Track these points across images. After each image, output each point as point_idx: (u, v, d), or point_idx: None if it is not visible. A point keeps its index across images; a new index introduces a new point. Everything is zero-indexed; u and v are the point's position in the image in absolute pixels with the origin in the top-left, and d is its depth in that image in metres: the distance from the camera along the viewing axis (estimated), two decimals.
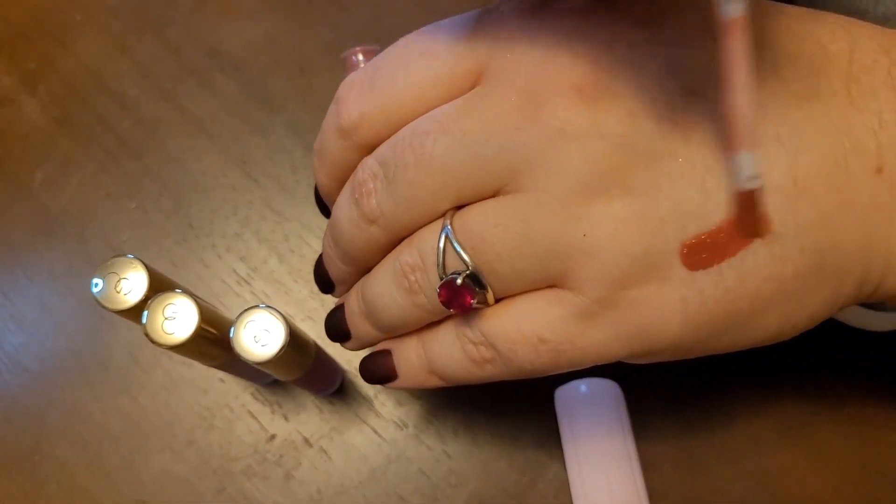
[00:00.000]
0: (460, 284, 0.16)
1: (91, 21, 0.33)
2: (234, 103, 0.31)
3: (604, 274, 0.15)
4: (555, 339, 0.16)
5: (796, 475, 0.25)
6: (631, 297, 0.16)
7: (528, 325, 0.16)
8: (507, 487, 0.25)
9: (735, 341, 0.17)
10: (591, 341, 0.16)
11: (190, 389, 0.27)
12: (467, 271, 0.16)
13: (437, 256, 0.17)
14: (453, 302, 0.16)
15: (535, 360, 0.17)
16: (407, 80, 0.17)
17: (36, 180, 0.30)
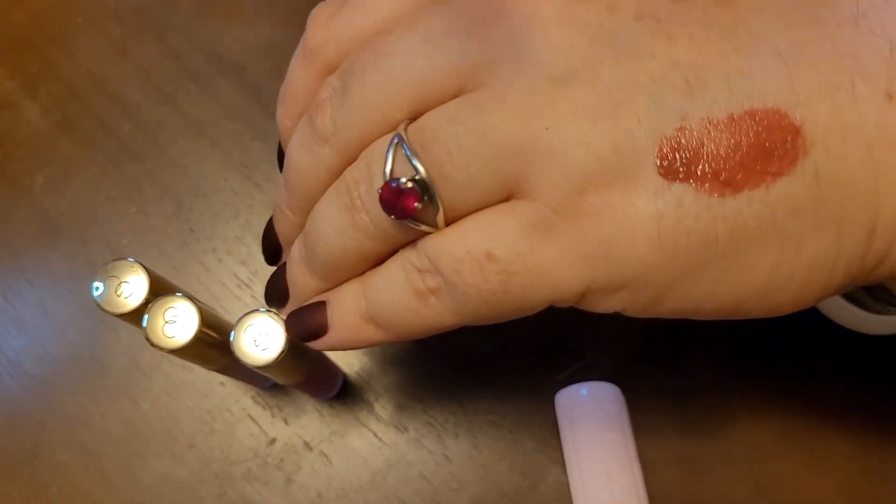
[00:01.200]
0: (406, 186, 0.14)
1: (92, 25, 0.33)
2: (235, 107, 0.31)
3: (564, 174, 0.14)
4: (504, 256, 0.14)
5: (797, 480, 0.25)
6: (594, 206, 0.14)
7: (476, 240, 0.14)
8: (508, 491, 0.25)
9: (716, 286, 0.14)
10: (546, 260, 0.14)
11: (190, 393, 0.27)
12: (416, 176, 0.14)
13: (383, 164, 0.15)
14: (395, 205, 0.14)
15: (482, 285, 0.14)
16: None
17: (37, 184, 0.30)
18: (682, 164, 0.13)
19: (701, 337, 0.27)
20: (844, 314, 0.25)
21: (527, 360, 0.27)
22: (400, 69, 0.15)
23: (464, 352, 0.27)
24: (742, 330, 0.27)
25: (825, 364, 0.27)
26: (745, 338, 0.27)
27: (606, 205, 0.14)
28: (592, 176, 0.13)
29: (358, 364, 0.27)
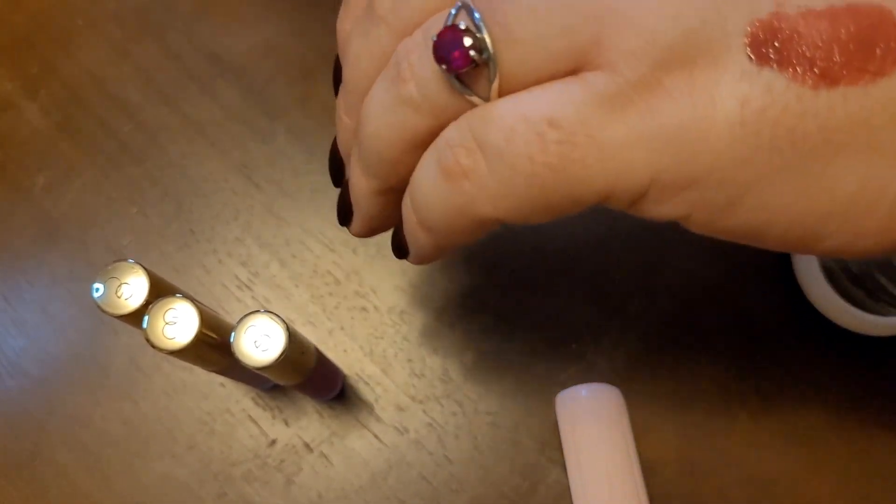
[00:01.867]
0: (462, 29, 0.13)
1: (93, 27, 0.33)
2: (235, 109, 0.31)
3: (646, 46, 0.12)
4: (569, 124, 0.13)
5: (797, 481, 0.25)
6: (675, 83, 0.12)
7: (536, 105, 0.13)
8: (508, 492, 0.25)
9: (797, 195, 0.13)
10: (616, 137, 0.13)
11: (190, 394, 0.27)
12: (477, 33, 0.13)
13: (442, 25, 0.13)
14: (450, 50, 0.13)
15: (537, 155, 0.13)
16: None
17: (37, 185, 0.30)
18: (774, 50, 0.12)
19: (701, 338, 0.27)
20: (844, 315, 0.25)
21: (527, 362, 0.27)
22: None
23: (464, 352, 0.27)
24: (742, 331, 0.27)
25: (825, 365, 0.27)
26: (745, 339, 0.27)
27: (688, 84, 0.12)
28: (676, 50, 0.12)
29: (358, 365, 0.27)
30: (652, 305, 0.28)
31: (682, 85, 0.12)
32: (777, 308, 0.28)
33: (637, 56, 0.12)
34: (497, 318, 0.28)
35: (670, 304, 0.28)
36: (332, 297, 0.28)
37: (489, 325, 0.27)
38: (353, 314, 0.28)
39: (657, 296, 0.28)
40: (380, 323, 0.27)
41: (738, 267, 0.28)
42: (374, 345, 0.27)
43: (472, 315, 0.28)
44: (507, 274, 0.28)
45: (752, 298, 0.28)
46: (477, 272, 0.28)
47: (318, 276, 0.28)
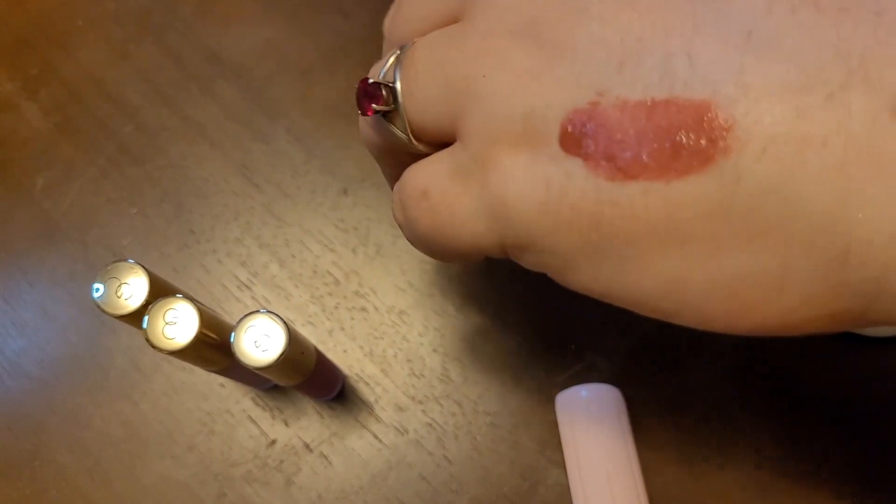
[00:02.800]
0: (374, 87, 0.16)
1: (93, 27, 0.33)
2: (235, 109, 0.31)
3: (484, 125, 0.14)
4: (434, 194, 0.15)
5: (797, 482, 0.25)
6: (500, 159, 0.14)
7: (421, 175, 0.16)
8: (508, 493, 0.25)
9: (617, 274, 0.14)
10: (463, 207, 0.15)
11: (190, 395, 0.27)
12: (391, 83, 0.16)
13: (382, 65, 0.16)
14: (361, 100, 0.16)
15: (418, 217, 0.16)
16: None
17: (37, 186, 0.30)
18: (581, 139, 0.13)
19: (700, 338, 0.27)
20: None
21: (526, 362, 0.27)
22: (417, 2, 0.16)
23: (463, 352, 0.27)
24: None
25: (825, 365, 0.27)
26: (744, 340, 0.27)
27: (510, 160, 0.14)
28: (505, 131, 0.14)
29: (358, 366, 0.27)
30: None
31: (505, 161, 0.14)
32: None
33: (478, 132, 0.14)
34: (497, 318, 0.28)
35: None
36: (331, 297, 0.28)
37: (489, 325, 0.27)
38: (353, 314, 0.28)
39: None
40: (379, 323, 0.27)
41: None
42: (373, 345, 0.27)
43: (471, 315, 0.28)
44: (507, 274, 0.28)
45: None
46: (477, 273, 0.28)
47: (318, 277, 0.28)
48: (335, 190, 0.30)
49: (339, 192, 0.30)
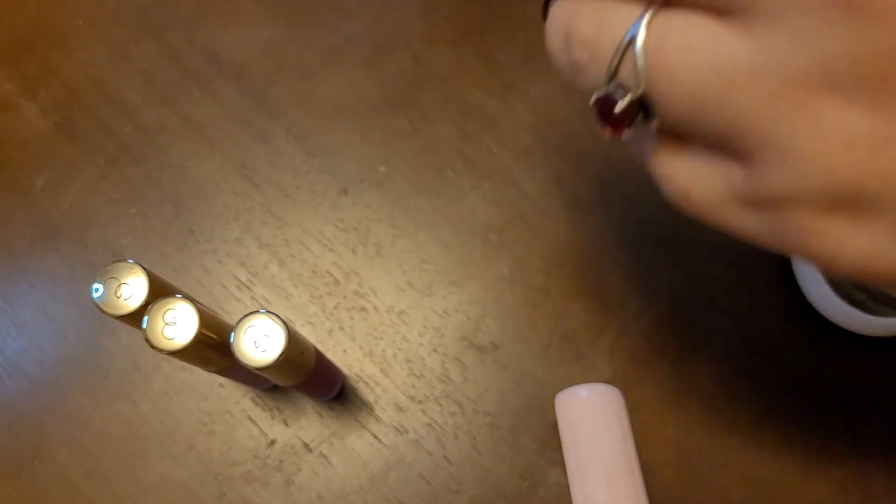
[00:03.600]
0: (620, 112, 0.14)
1: (92, 27, 0.33)
2: (235, 109, 0.31)
3: (793, 185, 0.12)
4: (706, 206, 0.14)
5: (796, 482, 0.25)
6: (808, 221, 0.13)
7: (684, 179, 0.14)
8: (508, 493, 0.25)
9: None
10: (742, 225, 0.14)
11: (190, 395, 0.27)
12: (638, 93, 0.14)
13: (612, 56, 0.14)
14: (606, 122, 0.15)
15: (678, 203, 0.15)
16: None
17: (37, 186, 0.30)
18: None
19: (700, 339, 0.27)
20: (844, 316, 0.25)
21: (526, 362, 0.27)
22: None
23: (463, 352, 0.27)
24: (740, 331, 0.27)
25: (824, 366, 0.27)
26: (744, 339, 0.27)
27: (823, 225, 0.13)
28: (821, 199, 0.12)
29: (358, 365, 0.27)
30: (651, 306, 0.28)
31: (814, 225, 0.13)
32: (777, 308, 0.28)
33: (782, 186, 0.13)
34: (495, 318, 0.28)
35: (669, 305, 0.28)
36: (331, 297, 0.28)
37: (488, 325, 0.27)
38: (353, 314, 0.28)
39: (656, 296, 0.28)
40: (379, 323, 0.28)
41: (738, 267, 0.28)
42: (373, 345, 0.27)
43: (471, 315, 0.28)
44: (506, 274, 0.28)
45: (753, 299, 0.28)
46: (476, 274, 0.28)
47: (318, 277, 0.28)
48: (335, 190, 0.30)
49: (338, 192, 0.30)
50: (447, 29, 0.33)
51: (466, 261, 0.28)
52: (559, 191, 0.30)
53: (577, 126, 0.31)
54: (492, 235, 0.29)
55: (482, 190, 0.30)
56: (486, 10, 0.33)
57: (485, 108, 0.31)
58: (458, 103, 0.31)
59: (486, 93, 0.31)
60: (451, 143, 0.30)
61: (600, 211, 0.29)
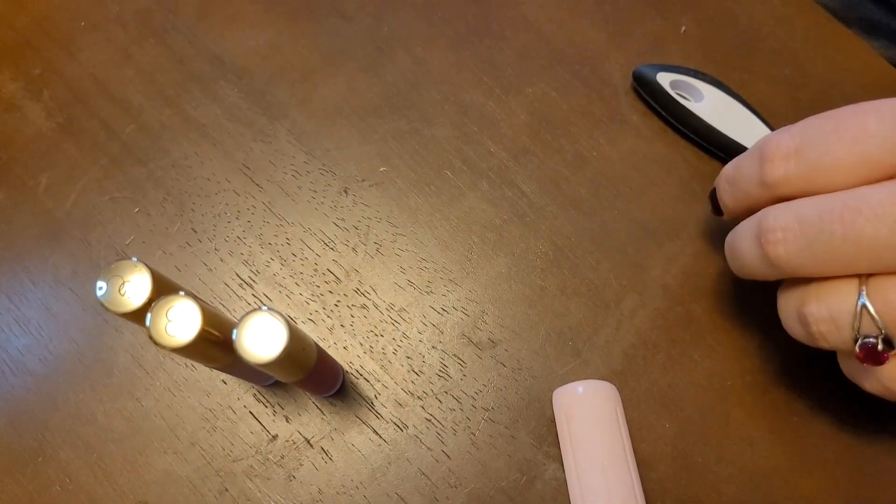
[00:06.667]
0: (880, 349, 0.19)
1: (96, 29, 0.33)
2: (236, 110, 0.31)
3: None
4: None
5: (790, 477, 0.26)
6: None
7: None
8: (506, 487, 0.25)
9: None
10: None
11: (193, 391, 0.27)
12: (881, 335, 0.19)
13: (853, 320, 0.20)
14: (870, 360, 0.20)
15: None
16: (835, 156, 0.20)
17: (41, 185, 0.30)
18: None
19: (696, 336, 0.28)
20: None
21: (523, 358, 0.27)
22: (866, 249, 0.19)
23: (461, 349, 0.27)
24: (737, 330, 0.28)
25: (818, 362, 0.27)
26: (740, 338, 0.27)
27: None
28: None
29: (358, 362, 0.27)
30: (646, 303, 0.28)
31: None
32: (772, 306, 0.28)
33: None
34: (494, 315, 0.28)
35: (664, 302, 0.28)
36: (332, 294, 0.28)
37: (486, 322, 0.28)
38: (353, 312, 0.28)
39: (651, 293, 0.28)
40: (379, 320, 0.28)
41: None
42: (373, 342, 0.27)
43: (469, 312, 0.28)
44: (505, 273, 0.29)
45: (746, 296, 0.28)
46: (475, 273, 0.29)
47: (319, 275, 0.28)
48: (335, 189, 0.30)
49: (339, 192, 0.30)
50: (446, 31, 0.33)
51: (465, 259, 0.29)
52: (556, 190, 0.30)
53: (574, 126, 0.31)
54: (490, 234, 0.29)
55: (480, 189, 0.30)
56: (485, 12, 0.33)
57: (483, 109, 0.31)
58: (457, 104, 0.31)
59: (485, 94, 0.32)
60: (449, 144, 0.31)
61: (596, 210, 0.30)
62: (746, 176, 0.23)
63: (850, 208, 0.19)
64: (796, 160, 0.21)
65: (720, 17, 0.34)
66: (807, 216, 0.20)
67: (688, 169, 0.30)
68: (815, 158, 0.20)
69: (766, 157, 0.21)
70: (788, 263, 0.21)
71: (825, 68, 0.32)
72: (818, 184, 0.20)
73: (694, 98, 0.31)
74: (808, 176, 0.21)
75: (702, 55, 0.33)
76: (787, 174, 0.21)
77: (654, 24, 0.33)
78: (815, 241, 0.20)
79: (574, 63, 0.32)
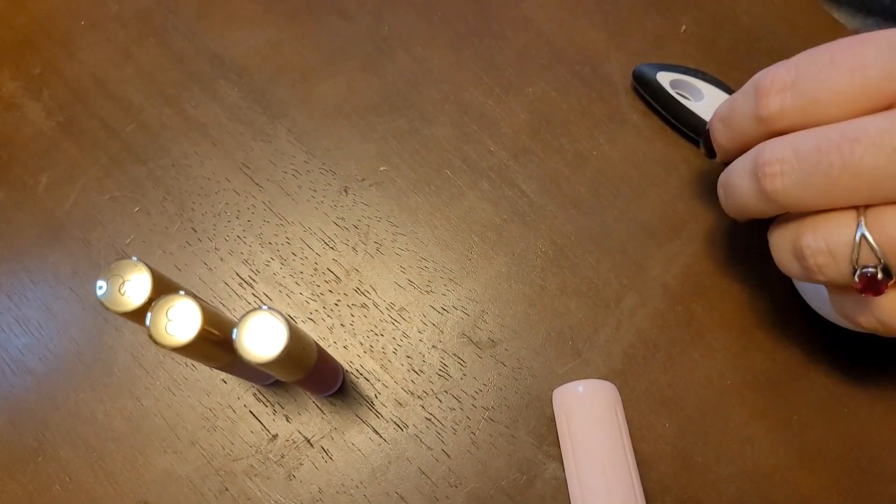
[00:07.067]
0: (879, 278, 0.19)
1: (96, 28, 0.33)
2: (236, 109, 0.31)
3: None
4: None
5: (791, 475, 0.26)
6: None
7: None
8: (506, 487, 0.25)
9: None
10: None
11: (193, 391, 0.27)
12: (881, 265, 0.19)
13: (851, 251, 0.19)
14: (869, 289, 0.19)
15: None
16: (832, 87, 0.19)
17: (40, 185, 0.30)
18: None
19: (695, 335, 0.28)
20: None
21: (523, 358, 0.27)
22: (866, 178, 0.18)
23: (461, 348, 0.27)
24: (736, 328, 0.28)
25: (818, 361, 0.27)
26: (740, 336, 0.27)
27: None
28: None
29: (358, 361, 0.27)
30: (646, 302, 0.28)
31: None
32: (771, 305, 0.28)
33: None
34: (494, 314, 0.28)
35: (664, 301, 0.28)
36: (332, 294, 0.28)
37: (486, 321, 0.28)
38: (353, 311, 0.28)
39: (651, 293, 0.28)
40: (379, 320, 0.28)
41: (732, 264, 0.28)
42: (373, 341, 0.28)
43: (469, 312, 0.28)
44: (505, 272, 0.29)
45: (746, 295, 0.28)
46: (474, 271, 0.29)
47: (319, 274, 0.28)
48: (336, 189, 0.30)
49: (339, 191, 0.30)
50: (446, 30, 0.33)
51: (465, 258, 0.29)
52: (556, 189, 0.30)
53: (574, 125, 0.31)
54: (490, 233, 0.29)
55: (480, 189, 0.30)
56: (485, 11, 0.33)
57: (483, 108, 0.31)
58: (457, 103, 0.31)
59: (485, 93, 0.32)
60: (449, 143, 0.31)
61: (596, 209, 0.30)
62: (741, 113, 0.22)
63: (849, 138, 0.19)
64: (793, 93, 0.20)
65: (720, 16, 0.34)
66: (804, 148, 0.20)
67: (688, 168, 0.30)
68: (811, 90, 0.20)
69: (761, 91, 0.21)
70: (785, 197, 0.20)
71: None
72: (815, 116, 0.20)
73: (694, 97, 0.31)
74: (805, 108, 0.20)
75: (702, 54, 0.33)
76: (782, 107, 0.20)
77: (654, 23, 0.33)
78: (813, 172, 0.19)
79: (574, 62, 0.32)
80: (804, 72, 0.20)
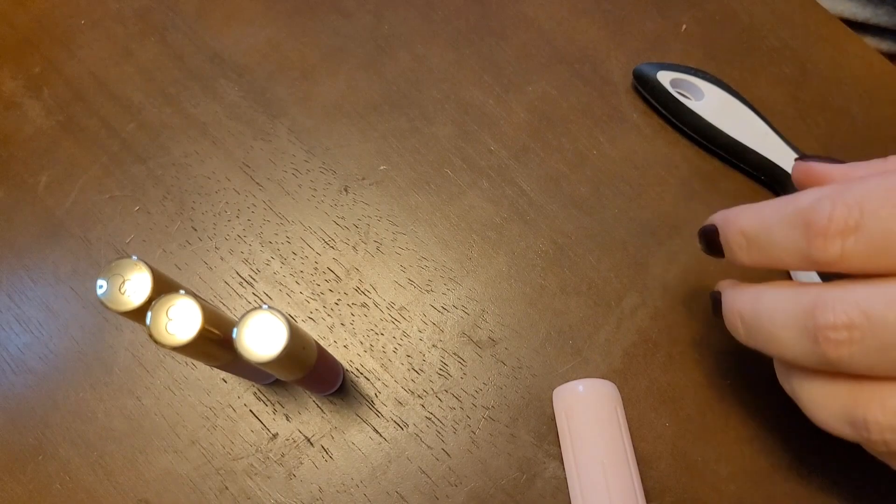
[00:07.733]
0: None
1: (96, 27, 0.33)
2: (236, 108, 0.31)
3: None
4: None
5: (790, 475, 0.26)
6: None
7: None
8: (506, 486, 0.25)
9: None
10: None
11: (193, 390, 0.27)
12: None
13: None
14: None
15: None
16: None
17: (40, 184, 0.30)
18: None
19: (695, 334, 0.28)
20: None
21: (524, 357, 0.27)
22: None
23: (462, 348, 0.27)
24: None
25: None
26: None
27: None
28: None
29: (358, 361, 0.27)
30: (647, 301, 0.28)
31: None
32: None
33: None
34: (494, 314, 0.28)
35: (664, 301, 0.28)
36: (332, 293, 0.28)
37: (486, 320, 0.28)
38: (354, 310, 0.28)
39: (651, 292, 0.28)
40: (380, 319, 0.28)
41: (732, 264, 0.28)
42: (373, 340, 0.28)
43: (469, 311, 0.28)
44: (504, 271, 0.29)
45: None
46: (474, 271, 0.29)
47: (319, 273, 0.28)
48: (336, 188, 0.30)
49: (339, 190, 0.30)
50: (446, 29, 0.33)
51: (465, 257, 0.29)
52: (556, 188, 0.30)
53: (574, 124, 0.31)
54: (490, 232, 0.29)
55: (480, 188, 0.30)
56: (485, 10, 0.33)
57: (483, 107, 0.31)
58: (457, 102, 0.31)
59: (485, 92, 0.32)
60: (450, 142, 0.31)
61: (597, 208, 0.30)
62: (781, 243, 0.19)
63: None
64: (857, 237, 0.17)
65: (721, 15, 0.34)
66: (878, 313, 0.17)
67: (688, 167, 0.30)
68: (881, 235, 0.17)
69: (815, 230, 0.18)
70: (852, 366, 0.18)
71: (826, 67, 0.32)
72: (886, 265, 0.17)
73: (694, 97, 0.31)
74: (873, 258, 0.17)
75: (702, 53, 0.33)
76: (844, 254, 0.17)
77: (654, 22, 0.33)
78: (891, 343, 0.17)
79: (574, 61, 0.32)
80: (871, 212, 0.17)
